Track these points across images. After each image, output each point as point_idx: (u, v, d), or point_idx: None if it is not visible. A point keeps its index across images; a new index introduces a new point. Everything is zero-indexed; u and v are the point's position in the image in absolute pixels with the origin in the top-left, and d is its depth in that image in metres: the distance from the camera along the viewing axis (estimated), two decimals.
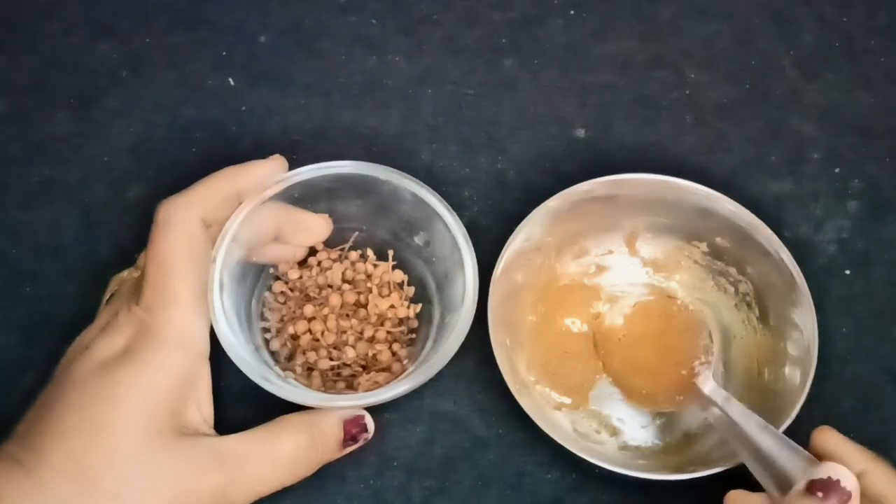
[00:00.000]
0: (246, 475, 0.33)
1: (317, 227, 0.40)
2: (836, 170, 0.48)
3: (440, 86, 0.50)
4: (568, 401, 0.41)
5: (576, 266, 0.44)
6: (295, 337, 0.41)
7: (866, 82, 0.51)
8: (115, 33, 0.51)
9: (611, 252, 0.44)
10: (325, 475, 0.39)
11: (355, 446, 0.36)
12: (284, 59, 0.51)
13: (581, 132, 0.49)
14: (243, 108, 0.49)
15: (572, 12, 0.53)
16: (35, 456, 0.31)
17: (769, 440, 0.34)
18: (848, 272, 0.45)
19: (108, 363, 0.33)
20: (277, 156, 0.39)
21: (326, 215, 0.40)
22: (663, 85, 0.51)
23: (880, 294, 0.45)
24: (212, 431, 0.35)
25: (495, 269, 0.39)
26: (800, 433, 0.36)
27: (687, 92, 0.51)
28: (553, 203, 0.41)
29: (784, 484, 0.32)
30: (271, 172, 0.38)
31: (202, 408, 0.35)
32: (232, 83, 0.50)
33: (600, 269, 0.44)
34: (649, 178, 0.41)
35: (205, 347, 0.35)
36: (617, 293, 0.44)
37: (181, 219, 0.35)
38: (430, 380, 0.37)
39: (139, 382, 0.33)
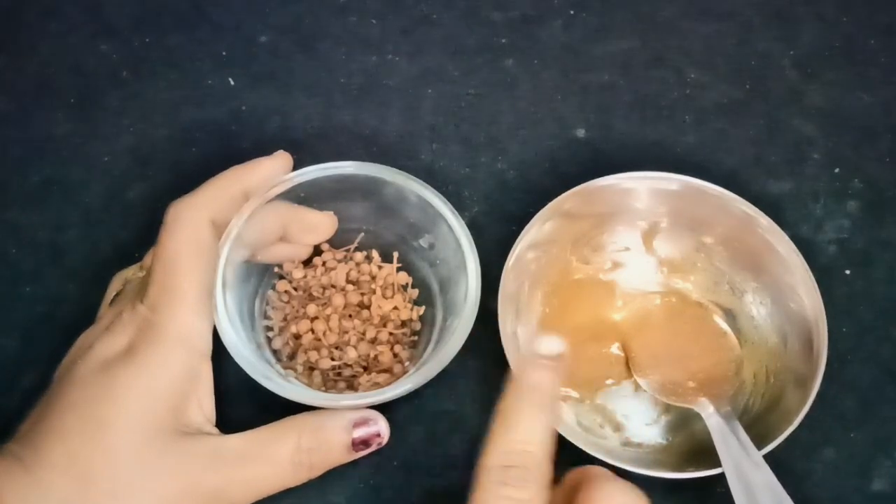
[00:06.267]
0: (246, 476, 0.33)
1: (322, 225, 0.40)
2: (836, 170, 0.48)
3: (440, 86, 0.50)
4: (575, 394, 0.41)
5: (591, 260, 0.44)
6: (297, 336, 0.41)
7: (866, 82, 0.51)
8: (115, 33, 0.51)
9: (627, 249, 0.44)
10: (325, 474, 0.39)
11: (368, 451, 0.35)
12: (284, 59, 0.51)
13: (581, 132, 0.49)
14: (243, 108, 0.49)
15: (572, 12, 0.53)
16: (35, 454, 0.31)
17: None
18: (848, 272, 0.45)
19: (109, 362, 0.33)
20: (282, 152, 0.39)
21: (332, 213, 0.40)
22: (663, 85, 0.51)
23: (880, 294, 0.45)
24: (214, 430, 0.35)
25: (508, 258, 0.39)
26: (801, 433, 0.36)
27: (687, 92, 0.51)
28: (570, 196, 0.41)
29: None
30: (277, 169, 0.38)
31: (204, 406, 0.35)
32: (232, 83, 0.50)
33: (616, 265, 0.44)
34: (668, 177, 0.42)
35: (207, 346, 0.35)
36: (631, 291, 0.44)
37: (190, 219, 0.35)
38: (431, 379, 0.37)
39: (140, 382, 0.33)
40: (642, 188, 0.42)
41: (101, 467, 0.31)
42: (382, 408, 0.36)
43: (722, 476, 0.35)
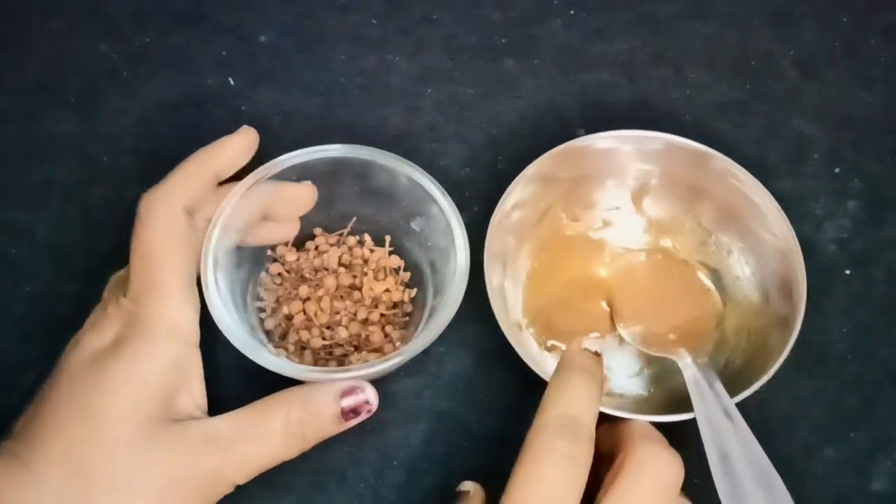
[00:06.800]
0: (239, 455, 0.33)
1: (303, 197, 0.40)
2: (836, 170, 0.48)
3: (440, 86, 0.50)
4: (561, 345, 0.42)
5: (582, 218, 0.45)
6: (289, 317, 0.41)
7: (866, 82, 0.51)
8: (115, 33, 0.51)
9: (618, 208, 0.45)
10: (325, 474, 0.39)
11: (358, 419, 0.35)
12: (284, 59, 0.51)
13: (581, 132, 0.49)
14: (243, 108, 0.49)
15: (572, 12, 0.53)
16: (31, 449, 0.31)
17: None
18: (848, 272, 0.45)
19: (98, 355, 0.33)
20: (246, 127, 0.39)
21: (310, 182, 0.40)
22: (663, 85, 0.51)
23: (880, 294, 0.45)
24: (204, 416, 0.35)
25: (494, 214, 0.40)
26: (801, 433, 0.36)
27: (687, 92, 0.51)
28: (557, 152, 0.42)
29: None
30: (243, 145, 0.39)
31: (194, 395, 0.35)
32: (232, 83, 0.50)
33: (606, 223, 0.45)
34: (659, 136, 0.42)
35: (194, 335, 0.35)
36: (620, 249, 0.45)
37: (162, 208, 0.35)
38: (431, 379, 0.37)
39: (130, 373, 0.33)
40: (634, 147, 0.43)
41: (96, 460, 0.31)
42: (383, 406, 0.36)
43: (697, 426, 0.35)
